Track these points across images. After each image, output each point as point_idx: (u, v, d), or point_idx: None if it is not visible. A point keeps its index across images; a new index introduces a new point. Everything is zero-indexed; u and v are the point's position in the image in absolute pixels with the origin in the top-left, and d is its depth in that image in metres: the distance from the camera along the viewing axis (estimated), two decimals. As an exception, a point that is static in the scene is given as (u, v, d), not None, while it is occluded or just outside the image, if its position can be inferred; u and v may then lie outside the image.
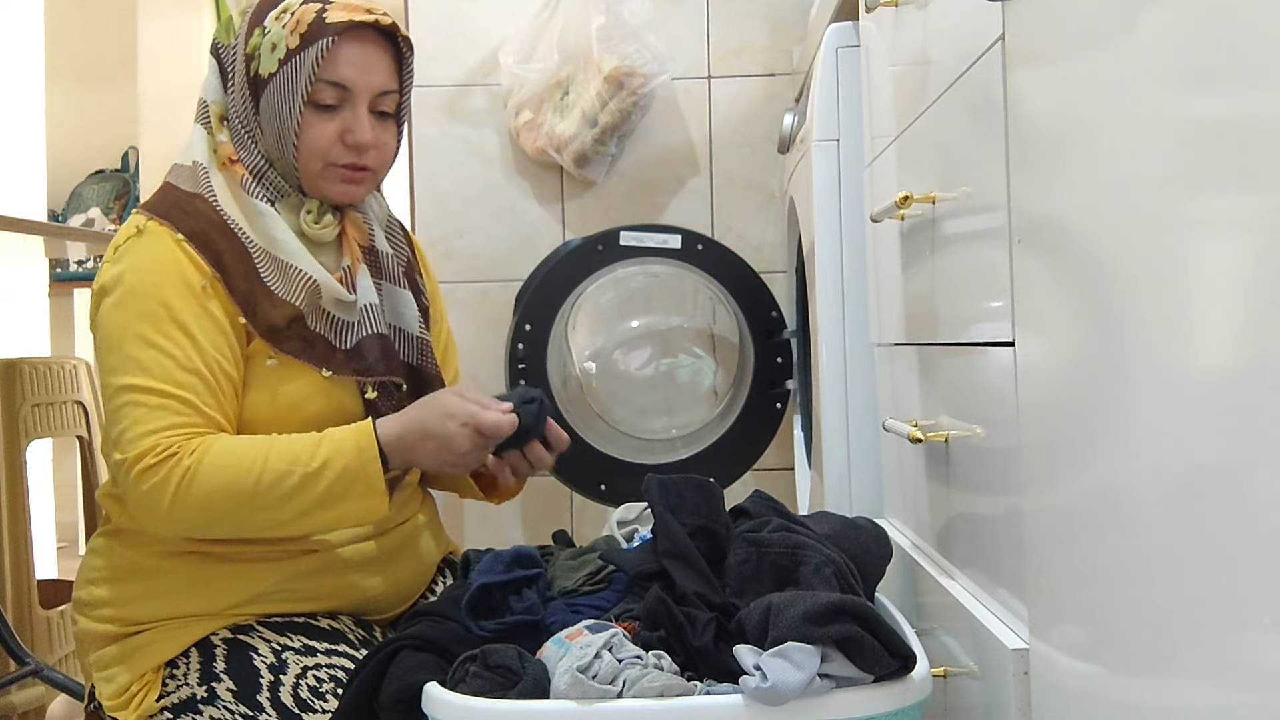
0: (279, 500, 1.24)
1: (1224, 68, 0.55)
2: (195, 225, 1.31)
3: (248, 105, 1.35)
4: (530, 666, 1.01)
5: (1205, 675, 0.59)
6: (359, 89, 1.34)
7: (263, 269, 1.32)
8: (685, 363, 2.29)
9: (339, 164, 1.35)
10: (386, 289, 1.41)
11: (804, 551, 1.10)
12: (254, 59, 1.34)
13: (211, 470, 1.22)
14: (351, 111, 1.34)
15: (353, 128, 1.34)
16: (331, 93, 1.33)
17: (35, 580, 2.00)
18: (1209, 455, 0.58)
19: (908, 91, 1.26)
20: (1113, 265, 0.69)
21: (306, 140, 1.33)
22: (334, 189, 1.36)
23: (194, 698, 1.26)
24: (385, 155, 1.40)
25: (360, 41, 1.33)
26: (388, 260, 1.42)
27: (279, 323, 1.31)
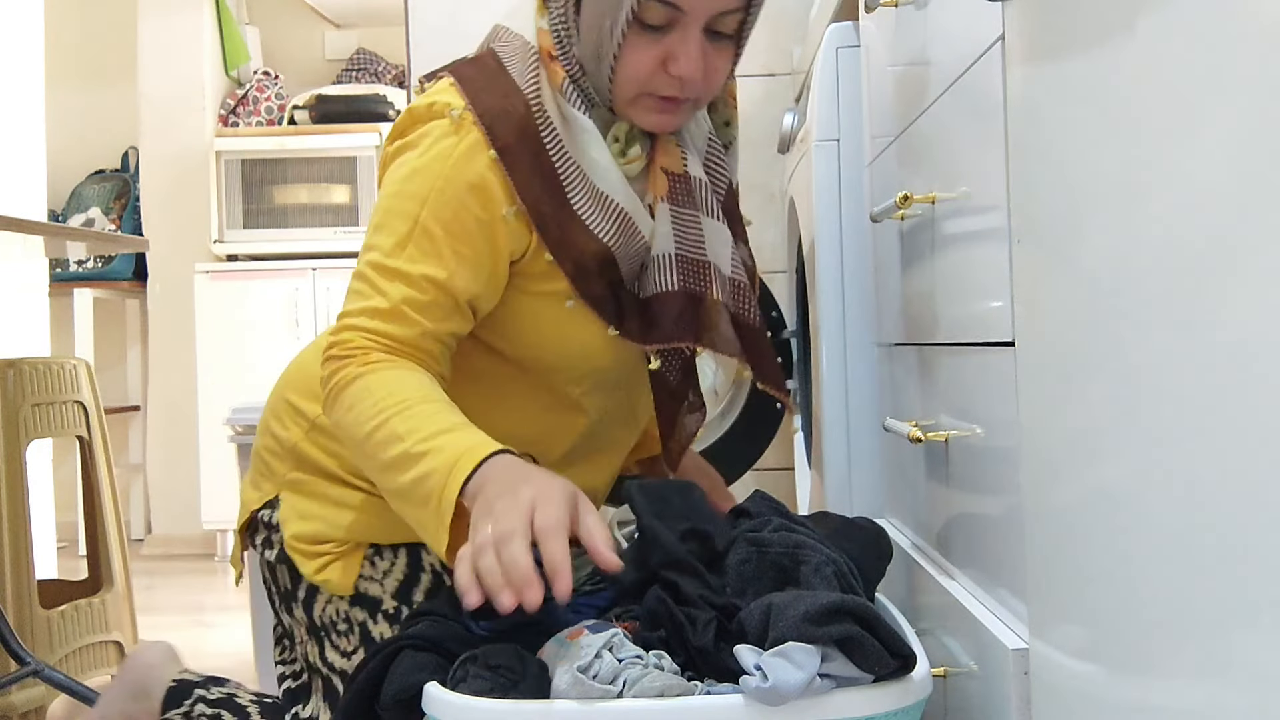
0: (379, 464, 1.09)
1: (1224, 67, 0.55)
2: (513, 139, 1.15)
3: (571, 12, 1.18)
4: (530, 666, 1.01)
5: (1205, 675, 0.59)
6: (694, 9, 1.14)
7: (574, 195, 1.17)
8: (685, 363, 2.29)
9: (657, 94, 1.17)
10: (703, 224, 1.22)
11: (804, 551, 1.10)
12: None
13: (357, 393, 1.11)
14: (680, 34, 1.15)
15: (678, 55, 1.15)
16: (662, 11, 1.13)
17: (35, 580, 2.00)
18: (1209, 455, 0.58)
19: (908, 91, 1.26)
20: (1113, 265, 0.69)
21: (625, 63, 1.15)
22: (647, 119, 1.19)
23: (379, 602, 1.21)
24: (714, 83, 1.21)
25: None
26: (702, 189, 1.23)
27: (588, 262, 1.17)
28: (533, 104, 1.17)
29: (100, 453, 2.21)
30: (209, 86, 4.07)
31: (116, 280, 4.12)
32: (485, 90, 1.18)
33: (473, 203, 1.15)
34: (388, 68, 4.30)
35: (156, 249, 3.75)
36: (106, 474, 2.23)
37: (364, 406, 1.10)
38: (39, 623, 1.97)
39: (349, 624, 1.25)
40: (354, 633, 1.25)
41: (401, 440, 1.07)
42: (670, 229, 1.20)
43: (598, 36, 1.16)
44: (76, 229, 3.80)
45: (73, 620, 2.06)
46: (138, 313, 4.26)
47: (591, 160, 1.18)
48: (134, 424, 4.24)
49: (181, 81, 4.05)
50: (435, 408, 1.10)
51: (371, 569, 1.25)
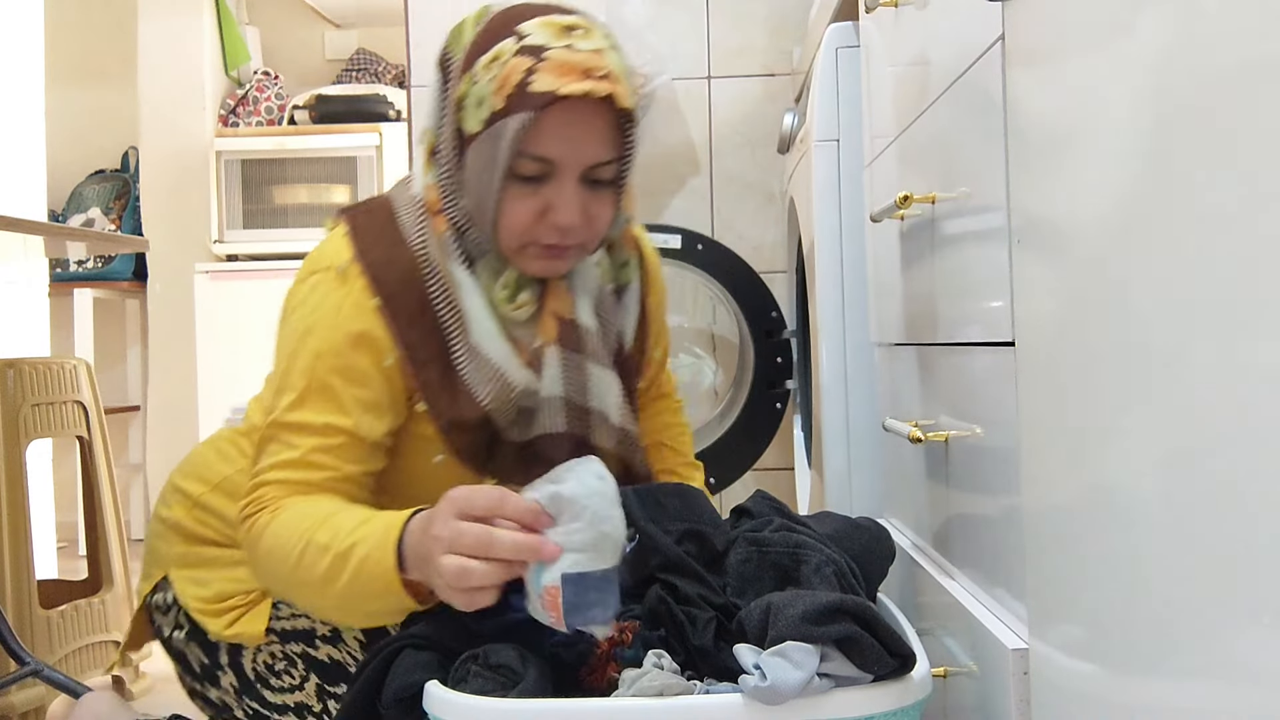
0: (319, 582, 1.09)
1: (1224, 67, 0.55)
2: (397, 289, 1.18)
3: (452, 156, 1.20)
4: (531, 666, 1.01)
5: (1205, 675, 0.59)
6: (566, 163, 1.15)
7: (456, 350, 1.19)
8: (685, 363, 2.29)
9: (541, 243, 1.18)
10: (589, 370, 1.23)
11: (805, 551, 1.10)
12: (461, 109, 1.17)
13: (275, 533, 1.13)
14: (557, 185, 1.16)
15: (556, 205, 1.16)
16: (534, 165, 1.15)
17: (35, 580, 2.00)
18: (1209, 455, 0.58)
19: (908, 91, 1.26)
20: (1113, 265, 0.69)
21: (506, 215, 1.17)
22: (534, 265, 1.20)
23: (312, 632, 1.21)
24: (597, 228, 1.21)
25: (571, 112, 1.13)
26: (591, 337, 1.23)
27: (460, 419, 1.18)
28: (419, 255, 1.19)
29: (100, 453, 2.21)
30: (209, 86, 4.07)
31: (116, 280, 4.12)
32: (374, 241, 1.20)
33: (360, 353, 1.17)
34: (388, 68, 4.30)
35: (156, 249, 3.75)
36: (106, 474, 2.23)
37: (284, 539, 1.11)
38: (39, 623, 1.97)
39: (288, 659, 1.23)
40: (296, 664, 1.23)
41: (328, 549, 1.08)
42: (559, 373, 1.21)
43: (479, 190, 1.17)
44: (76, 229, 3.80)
45: (73, 620, 2.06)
46: (138, 313, 4.26)
47: (470, 314, 1.19)
48: (134, 424, 4.24)
49: (181, 81, 4.05)
50: (349, 512, 1.12)
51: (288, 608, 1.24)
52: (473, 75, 1.16)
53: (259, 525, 1.15)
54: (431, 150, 1.23)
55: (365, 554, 1.06)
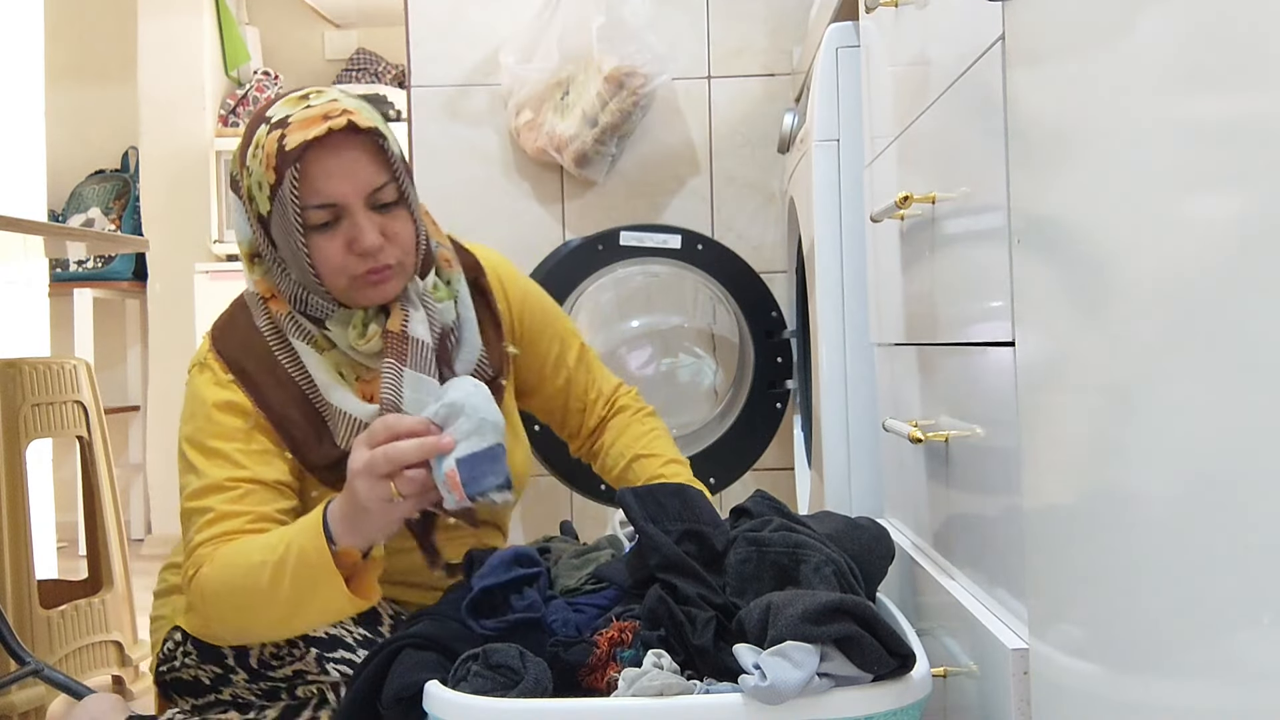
0: (267, 595, 1.23)
1: (1224, 68, 0.55)
2: (247, 363, 1.37)
3: (266, 242, 1.36)
4: (531, 666, 1.01)
5: (1205, 675, 0.59)
6: (346, 198, 1.31)
7: (319, 405, 1.36)
8: (685, 363, 2.29)
9: (359, 274, 1.33)
10: (410, 378, 1.34)
11: (804, 551, 1.10)
12: (253, 201, 1.34)
13: (218, 572, 1.26)
14: (349, 220, 1.32)
15: (355, 236, 1.31)
16: (321, 213, 1.31)
17: (35, 580, 2.00)
18: (1209, 455, 0.58)
19: (908, 91, 1.26)
20: (1113, 265, 0.69)
21: (320, 261, 1.32)
22: (364, 297, 1.35)
23: None
24: (404, 245, 1.36)
25: (327, 152, 1.29)
26: (419, 348, 1.36)
27: (328, 461, 1.34)
28: (267, 335, 1.38)
29: (100, 453, 2.21)
30: (209, 86, 4.07)
31: (116, 280, 4.12)
32: (226, 333, 1.40)
33: (229, 416, 1.35)
34: (388, 68, 4.30)
35: (156, 249, 3.75)
36: (106, 474, 2.23)
37: (225, 577, 1.25)
38: (39, 623, 1.97)
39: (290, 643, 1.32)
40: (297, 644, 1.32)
41: (265, 563, 1.22)
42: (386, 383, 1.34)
43: (293, 257, 1.33)
44: (76, 229, 3.80)
45: (73, 620, 2.06)
46: (138, 313, 4.26)
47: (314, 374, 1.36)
48: (134, 424, 4.24)
49: (181, 81, 4.04)
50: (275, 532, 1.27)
51: None
52: (247, 170, 1.33)
53: (200, 579, 1.27)
54: (250, 255, 1.40)
55: (299, 548, 1.21)
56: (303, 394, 1.36)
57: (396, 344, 1.35)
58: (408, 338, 1.36)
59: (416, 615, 1.23)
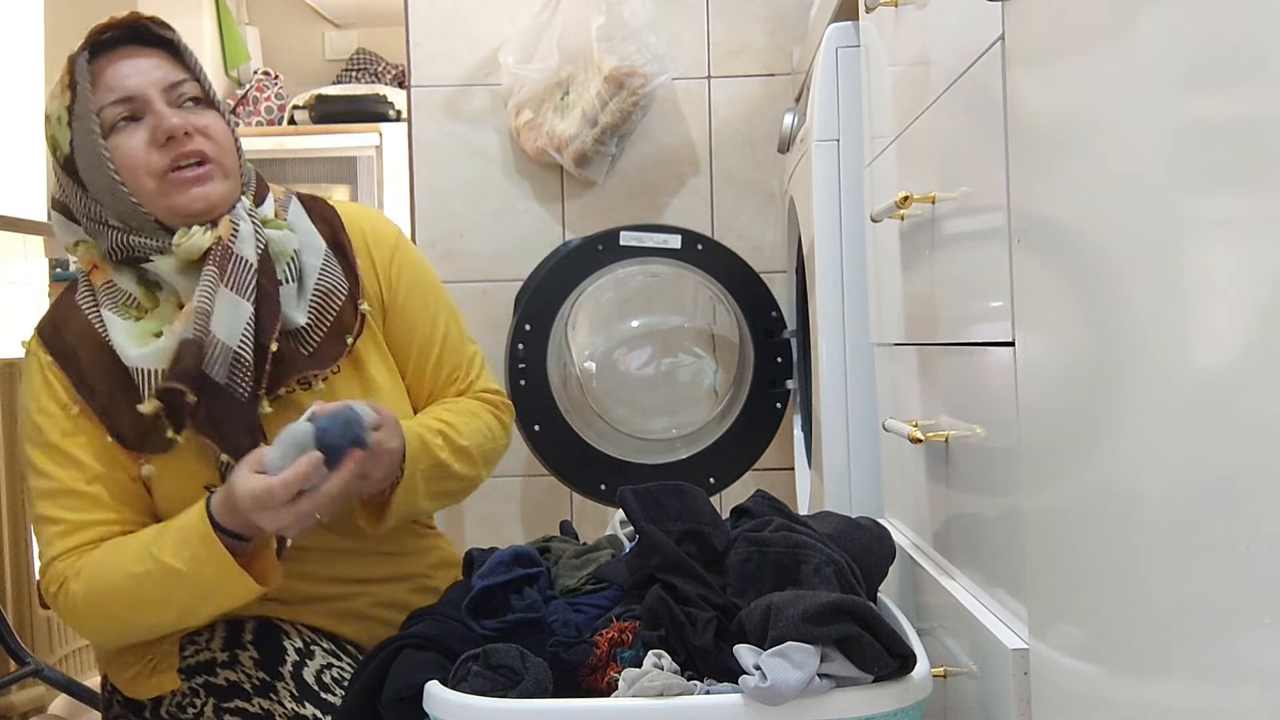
0: (158, 603, 1.22)
1: (1224, 68, 0.55)
2: (66, 342, 1.30)
3: (79, 192, 1.29)
4: (532, 666, 1.01)
5: (1205, 675, 0.59)
6: (142, 89, 1.26)
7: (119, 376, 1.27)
8: (685, 363, 2.29)
9: (169, 169, 1.26)
10: (225, 298, 1.25)
11: (805, 551, 1.10)
12: (55, 149, 1.29)
13: (93, 589, 1.22)
14: (151, 115, 1.26)
15: (156, 125, 1.26)
16: (118, 108, 1.26)
17: (35, 580, 2.00)
18: (1209, 455, 0.58)
19: (908, 91, 1.26)
20: (1113, 265, 0.69)
21: (123, 165, 1.26)
22: (184, 198, 1.27)
23: (213, 661, 1.25)
24: (217, 138, 1.30)
25: (116, 55, 1.27)
26: (239, 265, 1.27)
27: (143, 429, 1.26)
28: (86, 308, 1.31)
29: (100, 453, 2.21)
30: (209, 86, 4.07)
31: (116, 280, 4.12)
32: (50, 319, 1.34)
33: (54, 409, 1.28)
34: (388, 68, 4.30)
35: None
36: (106, 474, 2.23)
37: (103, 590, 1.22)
38: (39, 623, 1.97)
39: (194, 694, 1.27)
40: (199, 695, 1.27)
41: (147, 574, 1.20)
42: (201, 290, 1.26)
43: (100, 175, 1.26)
44: (76, 229, 3.79)
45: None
46: (138, 313, 4.26)
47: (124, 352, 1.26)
48: (134, 424, 4.24)
49: (181, 81, 4.04)
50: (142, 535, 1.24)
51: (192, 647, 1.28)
52: (48, 120, 1.29)
53: (71, 594, 1.23)
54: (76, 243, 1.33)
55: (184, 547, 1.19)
56: (117, 366, 1.27)
57: (220, 254, 1.26)
58: (231, 252, 1.26)
59: (416, 615, 1.23)
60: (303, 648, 1.27)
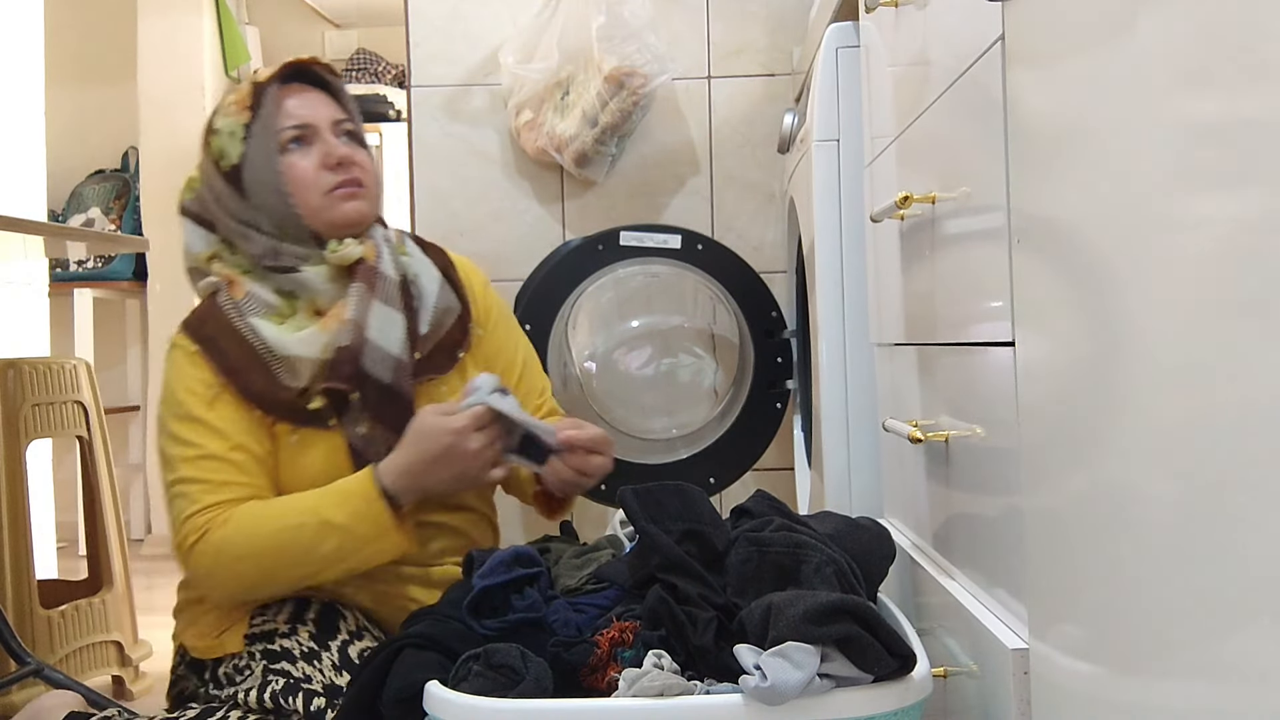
0: (303, 555, 1.38)
1: (1224, 68, 0.55)
2: (210, 333, 1.46)
3: (236, 200, 1.49)
4: (532, 666, 1.01)
5: (1205, 675, 0.59)
6: (317, 120, 1.51)
7: (272, 364, 1.45)
8: (685, 363, 2.29)
9: (332, 189, 1.49)
10: (377, 308, 1.48)
11: (805, 551, 1.10)
12: (222, 158, 1.49)
13: (240, 536, 1.37)
14: (320, 140, 1.50)
15: (328, 150, 1.49)
16: (295, 132, 1.49)
17: (35, 580, 2.00)
18: (1208, 455, 0.58)
19: (908, 91, 1.26)
20: (1113, 265, 0.69)
21: (295, 180, 1.48)
22: (340, 211, 1.50)
23: (274, 631, 1.41)
24: (369, 171, 1.54)
25: (294, 89, 1.51)
26: (385, 283, 1.50)
27: (290, 399, 1.44)
28: (229, 312, 1.48)
29: (100, 453, 2.21)
30: (209, 86, 4.07)
31: (116, 280, 4.12)
32: (194, 317, 1.50)
33: (201, 388, 1.45)
34: (388, 68, 4.30)
35: (156, 249, 3.75)
36: (106, 474, 2.23)
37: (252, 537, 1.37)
38: (39, 623, 1.97)
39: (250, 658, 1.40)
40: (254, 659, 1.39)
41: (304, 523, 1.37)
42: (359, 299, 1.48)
43: (269, 185, 1.48)
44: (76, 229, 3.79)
45: (73, 620, 2.06)
46: (138, 313, 4.26)
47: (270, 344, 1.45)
48: (134, 424, 4.24)
49: (181, 81, 4.04)
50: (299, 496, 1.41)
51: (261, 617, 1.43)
52: (215, 132, 1.50)
53: (212, 541, 1.37)
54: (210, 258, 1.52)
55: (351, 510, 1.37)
56: (260, 357, 1.45)
57: (367, 273, 1.49)
58: (378, 271, 1.50)
59: (417, 615, 1.23)
60: (355, 630, 1.42)
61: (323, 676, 1.35)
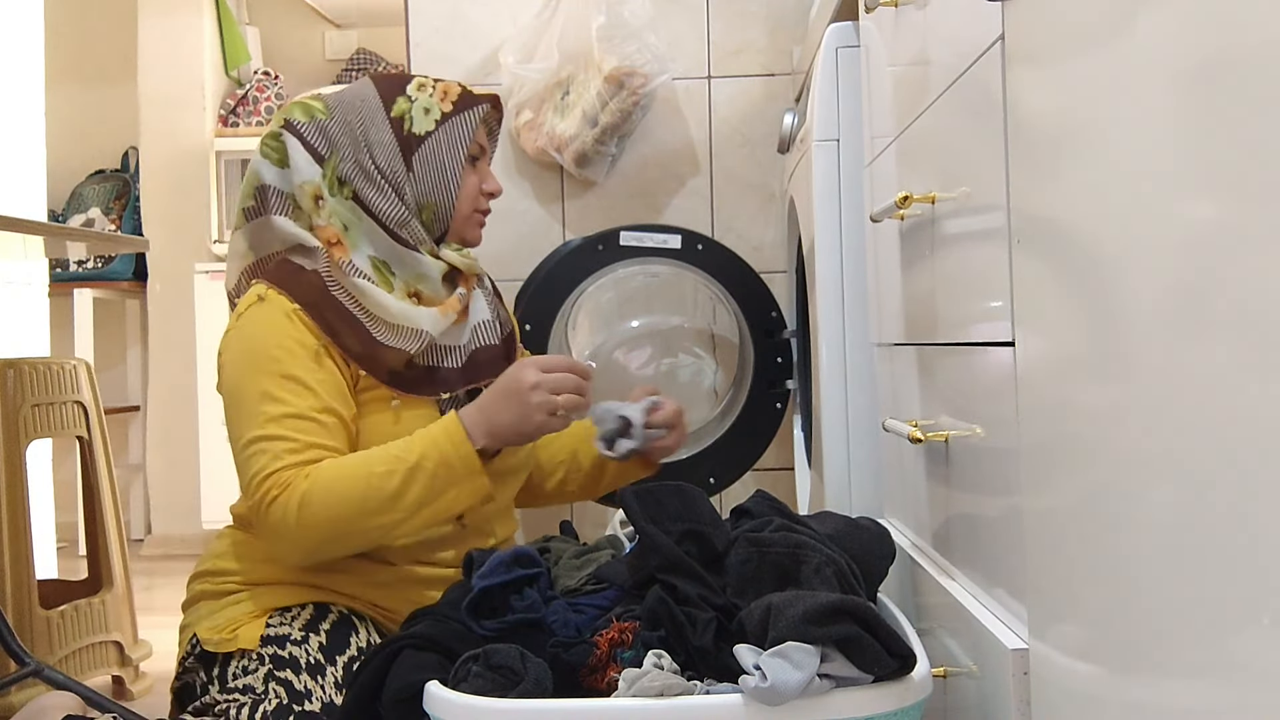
0: (389, 501, 1.38)
1: (1224, 68, 0.55)
2: (309, 296, 1.48)
3: (397, 160, 1.55)
4: (532, 666, 1.01)
5: (1205, 675, 0.59)
6: (489, 151, 1.66)
7: (375, 330, 1.48)
8: (685, 363, 2.29)
9: (480, 210, 1.62)
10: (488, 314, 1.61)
11: (805, 551, 1.10)
12: (407, 120, 1.55)
13: (323, 489, 1.37)
14: (484, 165, 1.63)
15: (488, 179, 1.63)
16: (479, 150, 1.62)
17: (35, 580, 2.00)
18: (1208, 455, 0.58)
19: (908, 91, 1.26)
20: (1113, 265, 0.69)
21: (465, 188, 1.59)
22: (473, 232, 1.63)
23: (288, 636, 1.41)
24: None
25: (490, 118, 1.65)
26: (490, 296, 1.65)
27: (398, 366, 1.49)
28: (325, 276, 1.50)
29: (100, 453, 2.21)
30: (209, 86, 4.07)
31: (116, 280, 4.12)
32: (280, 274, 1.51)
33: (298, 348, 1.45)
34: (388, 68, 4.30)
35: (156, 249, 3.75)
36: (106, 474, 2.23)
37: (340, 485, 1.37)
38: (39, 623, 1.97)
39: (259, 660, 1.39)
40: (263, 661, 1.38)
41: (394, 469, 1.38)
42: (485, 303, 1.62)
43: (439, 176, 1.56)
44: (76, 229, 3.80)
45: (73, 620, 2.06)
46: (138, 313, 4.26)
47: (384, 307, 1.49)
48: (134, 424, 4.24)
49: (181, 81, 4.04)
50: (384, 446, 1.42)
51: (278, 618, 1.43)
52: (407, 97, 1.57)
53: (298, 493, 1.36)
54: (315, 195, 1.53)
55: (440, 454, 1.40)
56: (359, 321, 1.48)
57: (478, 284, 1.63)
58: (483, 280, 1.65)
59: (417, 615, 1.23)
60: (365, 646, 1.41)
61: (322, 694, 1.35)
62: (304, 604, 1.45)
